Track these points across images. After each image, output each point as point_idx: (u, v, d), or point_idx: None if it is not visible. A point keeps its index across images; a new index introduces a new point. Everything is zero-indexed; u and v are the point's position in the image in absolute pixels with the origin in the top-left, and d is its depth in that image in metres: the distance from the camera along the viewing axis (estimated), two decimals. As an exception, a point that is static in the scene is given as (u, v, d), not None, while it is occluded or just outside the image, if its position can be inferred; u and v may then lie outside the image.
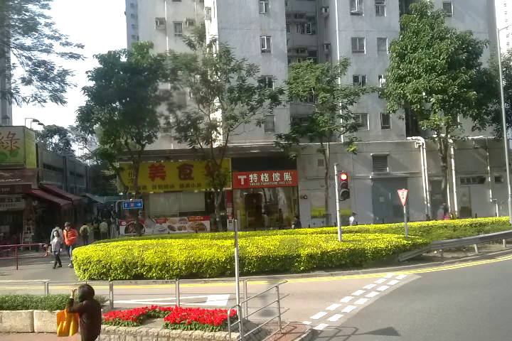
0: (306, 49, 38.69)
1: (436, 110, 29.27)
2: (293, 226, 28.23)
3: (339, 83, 31.83)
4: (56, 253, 21.29)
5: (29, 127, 36.53)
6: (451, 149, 33.65)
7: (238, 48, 30.73)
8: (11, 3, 27.85)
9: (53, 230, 22.59)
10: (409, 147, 34.65)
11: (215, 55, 28.68)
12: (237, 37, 32.88)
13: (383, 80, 33.85)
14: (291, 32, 37.39)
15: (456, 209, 33.65)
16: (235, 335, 9.15)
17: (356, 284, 15.21)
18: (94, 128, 29.46)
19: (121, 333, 10.08)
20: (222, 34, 32.28)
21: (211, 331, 9.51)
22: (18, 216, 31.16)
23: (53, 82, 29.61)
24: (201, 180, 30.65)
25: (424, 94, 28.74)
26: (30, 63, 29.46)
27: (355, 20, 35.60)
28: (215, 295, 14.17)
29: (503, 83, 28.03)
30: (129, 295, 13.94)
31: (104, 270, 16.87)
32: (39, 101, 29.90)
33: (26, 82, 29.34)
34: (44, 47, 29.47)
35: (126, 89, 26.03)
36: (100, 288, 13.15)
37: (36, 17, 28.64)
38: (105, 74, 26.58)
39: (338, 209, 18.24)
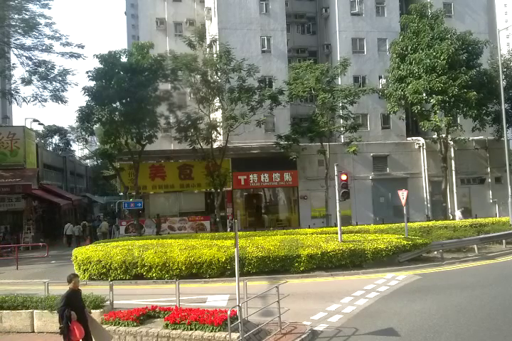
0: (307, 49, 38.68)
1: (437, 111, 29.29)
2: (228, 229, 27.78)
3: (339, 83, 31.85)
4: None
5: (29, 127, 36.54)
6: (452, 150, 33.64)
7: (238, 48, 30.75)
8: (11, 2, 27.85)
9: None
10: (409, 147, 34.65)
11: (215, 56, 28.68)
12: (238, 37, 32.89)
13: (383, 81, 33.88)
14: (291, 32, 37.37)
15: (456, 209, 33.64)
16: (235, 335, 9.15)
17: (356, 284, 15.21)
18: (94, 128, 29.47)
19: (122, 333, 10.08)
20: (222, 34, 32.27)
21: (211, 331, 9.51)
22: (18, 216, 31.16)
23: (54, 82, 29.61)
24: (201, 180, 30.65)
25: (424, 94, 28.74)
26: (30, 63, 29.50)
27: (356, 21, 35.61)
28: (215, 295, 14.17)
29: (503, 83, 28.04)
30: (129, 296, 13.94)
31: (104, 270, 16.87)
32: (40, 101, 29.95)
33: (26, 82, 29.33)
34: (44, 48, 29.48)
35: (126, 89, 26.04)
36: (100, 288, 13.21)
37: (36, 17, 28.66)
38: (105, 74, 26.58)
39: (338, 209, 18.24)
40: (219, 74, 28.31)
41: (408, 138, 35.48)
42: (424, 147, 33.95)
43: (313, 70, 29.57)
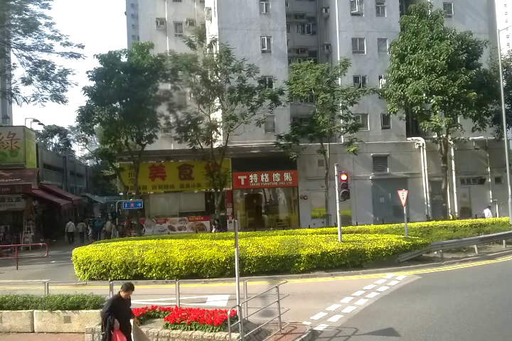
0: (307, 49, 38.68)
1: (437, 111, 29.28)
2: (213, 230, 27.74)
3: (339, 83, 31.83)
4: None
5: (29, 127, 36.51)
6: (452, 150, 33.67)
7: (238, 48, 30.77)
8: (11, 2, 27.85)
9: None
10: (409, 147, 34.65)
11: (215, 56, 28.70)
12: (238, 37, 32.90)
13: (383, 81, 33.88)
14: (291, 32, 37.37)
15: (456, 209, 33.66)
16: (235, 335, 9.15)
17: (356, 285, 15.21)
18: (94, 128, 29.50)
19: (122, 333, 10.06)
20: (222, 34, 32.28)
21: (211, 331, 9.51)
22: (18, 216, 31.15)
23: (54, 82, 29.61)
24: (201, 180, 30.67)
25: (424, 95, 28.74)
26: (30, 63, 29.48)
27: (356, 21, 35.60)
28: (215, 295, 14.17)
29: (503, 84, 28.03)
30: (129, 296, 13.90)
31: (104, 270, 16.85)
32: (40, 101, 29.95)
33: (26, 82, 29.33)
34: (44, 48, 29.48)
35: (126, 89, 26.06)
36: (100, 288, 13.22)
37: (37, 17, 28.65)
38: (106, 74, 26.61)
39: (338, 209, 18.25)
40: (219, 74, 28.33)
41: (408, 138, 35.47)
42: (424, 147, 33.95)
43: (314, 70, 29.58)
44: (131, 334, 8.71)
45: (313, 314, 11.95)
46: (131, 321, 8.93)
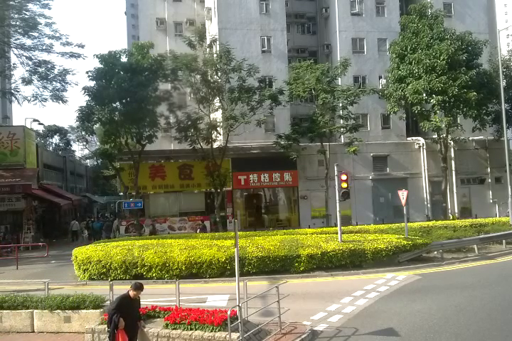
0: (307, 49, 38.68)
1: (437, 111, 29.29)
2: (198, 230, 27.74)
3: (339, 83, 31.82)
4: None
5: (29, 127, 36.54)
6: (452, 150, 33.66)
7: (238, 48, 30.77)
8: (11, 2, 27.88)
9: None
10: (409, 147, 34.64)
11: (215, 56, 28.70)
12: (238, 37, 32.91)
13: (383, 81, 33.88)
14: (291, 32, 37.37)
15: (456, 209, 33.66)
16: (235, 335, 9.15)
17: (356, 284, 15.20)
18: (94, 128, 29.49)
19: (121, 333, 10.05)
20: (222, 34, 32.29)
21: (211, 331, 9.51)
22: (18, 216, 31.16)
23: (54, 82, 29.66)
24: (201, 180, 30.67)
25: (424, 95, 28.74)
26: (30, 63, 29.55)
27: (356, 21, 35.61)
28: (215, 295, 14.17)
29: (503, 83, 28.04)
30: (129, 296, 13.89)
31: (104, 270, 16.85)
32: (40, 101, 29.99)
33: (26, 82, 29.38)
34: (44, 47, 29.54)
35: (126, 89, 26.05)
36: (100, 288, 13.22)
37: (37, 17, 28.70)
38: (106, 74, 26.61)
39: (338, 209, 18.25)
40: (219, 74, 28.33)
41: (408, 138, 35.47)
42: (424, 147, 33.94)
43: (314, 70, 29.57)
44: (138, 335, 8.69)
45: (313, 314, 11.95)
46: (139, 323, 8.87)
